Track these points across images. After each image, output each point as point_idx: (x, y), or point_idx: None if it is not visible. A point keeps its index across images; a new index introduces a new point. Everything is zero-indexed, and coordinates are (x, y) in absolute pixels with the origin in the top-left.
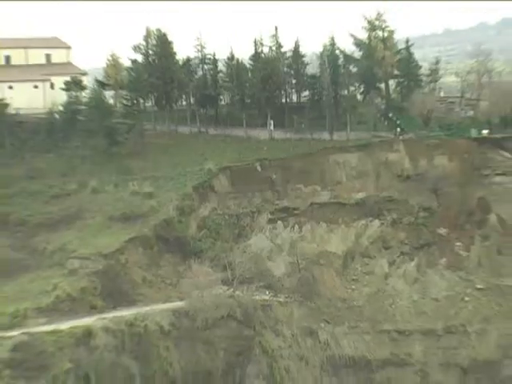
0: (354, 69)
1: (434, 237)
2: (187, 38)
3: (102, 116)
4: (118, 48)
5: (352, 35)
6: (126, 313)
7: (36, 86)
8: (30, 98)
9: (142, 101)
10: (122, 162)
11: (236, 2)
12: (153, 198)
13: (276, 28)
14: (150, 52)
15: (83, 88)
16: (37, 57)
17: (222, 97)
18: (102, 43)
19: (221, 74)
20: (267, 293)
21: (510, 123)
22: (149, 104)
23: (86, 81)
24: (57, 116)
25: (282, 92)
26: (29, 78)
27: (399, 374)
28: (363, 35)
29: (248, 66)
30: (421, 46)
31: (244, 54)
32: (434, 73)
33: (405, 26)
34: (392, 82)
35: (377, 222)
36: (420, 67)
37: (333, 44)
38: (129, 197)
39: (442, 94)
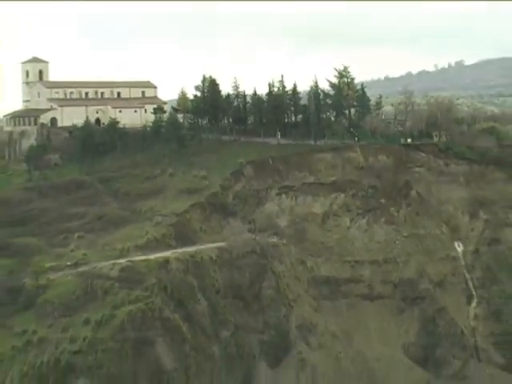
0: (329, 101)
1: (377, 204)
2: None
3: (175, 129)
4: (185, 85)
5: (328, 80)
6: (190, 249)
7: (136, 111)
8: (132, 118)
9: (200, 120)
10: (188, 158)
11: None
12: (206, 180)
13: (282, 75)
14: (205, 90)
15: (164, 112)
16: (136, 93)
17: (248, 118)
18: (175, 81)
19: (248, 104)
20: (275, 238)
21: (424, 135)
22: (205, 122)
23: (166, 107)
24: (148, 129)
25: (285, 115)
26: (131, 106)
27: (355, 287)
28: (335, 80)
29: (265, 99)
30: (370, 88)
31: (263, 91)
32: (379, 104)
33: (361, 74)
34: (353, 110)
35: (343, 195)
36: (370, 100)
37: (316, 86)
38: (191, 178)
39: (383, 117)
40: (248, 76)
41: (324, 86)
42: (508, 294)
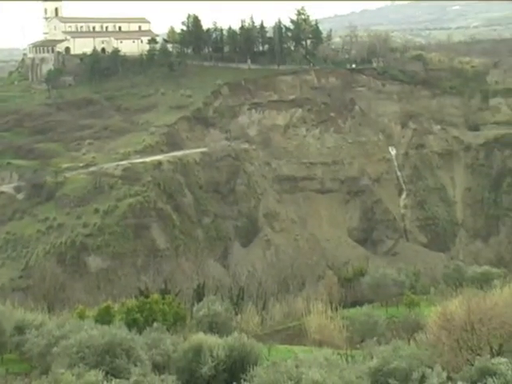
0: (290, 34)
1: (328, 117)
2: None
3: (166, 57)
4: (174, 22)
5: (289, 17)
6: (178, 153)
7: (134, 42)
8: (130, 48)
9: (185, 49)
10: (176, 80)
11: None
12: (191, 97)
13: (251, 16)
14: (190, 25)
15: (156, 43)
16: (134, 27)
17: (225, 47)
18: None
19: (224, 36)
20: (246, 144)
21: (365, 61)
22: (189, 51)
23: (158, 39)
24: (144, 57)
25: (255, 45)
26: (130, 37)
27: (310, 183)
28: (295, 17)
29: (238, 32)
30: (322, 23)
31: (236, 27)
32: (329, 36)
33: (315, 12)
34: (308, 41)
35: (300, 110)
36: (322, 33)
37: (280, 22)
38: (179, 97)
39: (333, 47)
40: (225, 13)
41: (286, 22)
42: (430, 188)
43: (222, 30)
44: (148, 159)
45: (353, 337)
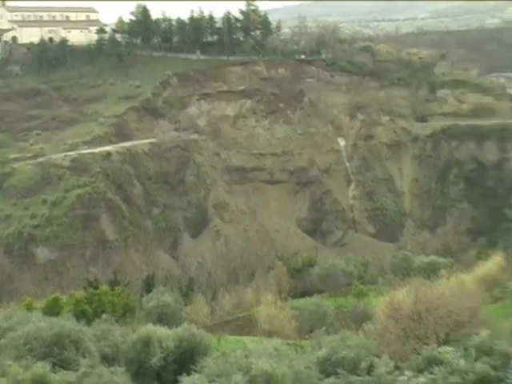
0: (239, 25)
1: (277, 108)
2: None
3: (114, 47)
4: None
5: (238, 8)
6: (127, 144)
7: (82, 31)
8: (79, 38)
9: (134, 39)
10: (125, 70)
11: None
12: (140, 88)
13: (200, 7)
14: (139, 15)
15: (105, 32)
16: (82, 16)
17: (174, 38)
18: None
19: (173, 27)
20: (196, 135)
21: (314, 52)
22: (138, 41)
23: (107, 29)
24: (92, 47)
25: (204, 36)
26: (78, 27)
27: (260, 174)
28: (244, 7)
29: (187, 22)
30: (271, 14)
31: (185, 17)
32: (278, 27)
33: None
34: (258, 32)
35: (250, 101)
36: (271, 24)
37: (229, 12)
38: (128, 87)
39: (282, 37)
40: (174, 3)
41: (235, 12)
42: (378, 179)
43: (170, 20)
44: (97, 150)
45: (302, 327)
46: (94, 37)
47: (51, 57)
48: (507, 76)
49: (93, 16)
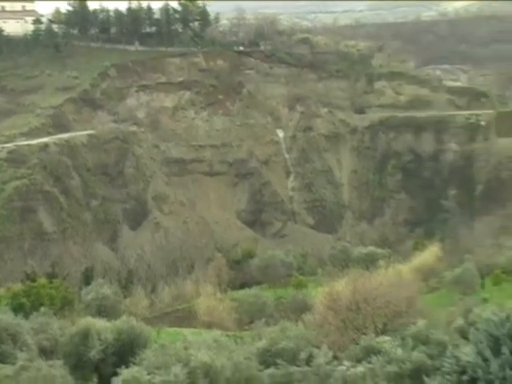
0: (177, 16)
1: (216, 100)
2: None
3: (51, 37)
4: (59, 3)
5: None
6: (65, 135)
7: (18, 22)
8: (15, 28)
9: (72, 30)
10: (62, 61)
11: None
12: (77, 79)
13: None
14: (76, 6)
15: (41, 23)
16: (18, 6)
17: (112, 28)
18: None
19: (111, 17)
20: (135, 127)
21: (253, 44)
22: (76, 31)
23: (43, 19)
24: (28, 37)
25: (142, 27)
26: (15, 17)
27: (199, 165)
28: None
29: (125, 13)
30: (210, 5)
31: (123, 8)
32: (217, 19)
33: None
34: (196, 23)
35: (189, 92)
36: (210, 15)
37: (167, 3)
38: (66, 78)
39: (220, 29)
40: None
41: (173, 3)
42: (317, 171)
43: (108, 11)
44: (34, 141)
45: (241, 318)
46: (31, 27)
47: None
48: (443, 68)
49: (29, 6)
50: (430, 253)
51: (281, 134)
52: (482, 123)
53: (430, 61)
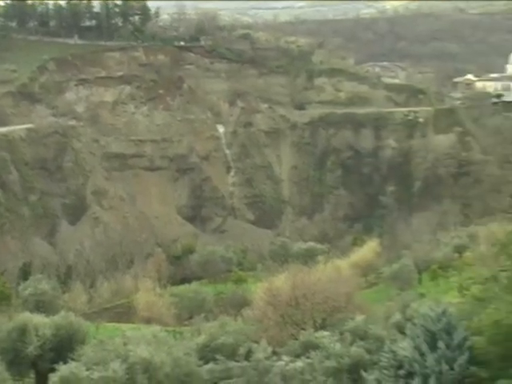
0: (117, 10)
1: (157, 94)
2: None
3: None
4: None
5: None
6: (2, 130)
7: None
8: None
9: (10, 23)
10: (0, 52)
11: None
12: (16, 72)
13: None
14: None
15: None
16: None
17: (51, 22)
18: None
19: (50, 11)
20: (74, 121)
21: (193, 39)
22: (14, 24)
23: None
24: None
25: (81, 20)
26: None
27: (139, 160)
28: None
29: (64, 6)
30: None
31: (63, 1)
32: (157, 13)
33: None
34: (137, 17)
35: (129, 87)
36: (150, 10)
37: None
38: (3, 71)
39: (161, 24)
40: None
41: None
42: (257, 166)
43: (47, 3)
44: None
45: (181, 314)
46: None
47: None
48: (382, 65)
49: None
50: (369, 248)
51: (221, 129)
52: (420, 120)
53: (369, 58)
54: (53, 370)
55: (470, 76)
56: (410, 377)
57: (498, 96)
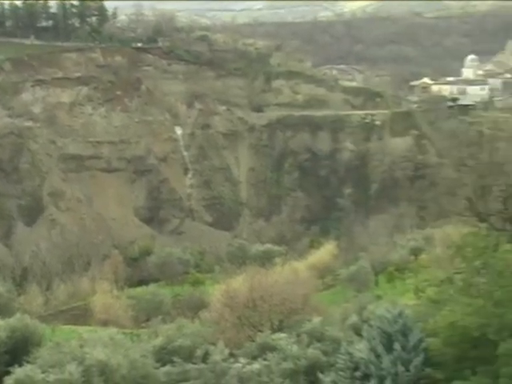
0: (74, 10)
1: (114, 96)
2: None
3: None
4: None
5: None
6: None
7: None
8: None
9: None
10: None
11: None
12: None
13: None
14: None
15: None
16: None
17: (6, 22)
18: None
19: (7, 11)
20: (30, 122)
21: (151, 40)
22: None
23: None
24: None
25: (38, 21)
26: None
27: (97, 162)
28: None
29: (21, 7)
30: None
31: (19, 1)
32: (115, 14)
33: None
34: (94, 18)
35: (86, 88)
36: (107, 11)
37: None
38: None
39: (119, 25)
40: None
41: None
42: (215, 168)
43: (3, 3)
44: None
45: (138, 316)
46: None
47: None
48: (340, 68)
49: None
50: (326, 250)
51: (179, 131)
52: (377, 123)
53: (326, 61)
54: (8, 373)
55: (426, 79)
56: (366, 378)
57: (454, 100)
